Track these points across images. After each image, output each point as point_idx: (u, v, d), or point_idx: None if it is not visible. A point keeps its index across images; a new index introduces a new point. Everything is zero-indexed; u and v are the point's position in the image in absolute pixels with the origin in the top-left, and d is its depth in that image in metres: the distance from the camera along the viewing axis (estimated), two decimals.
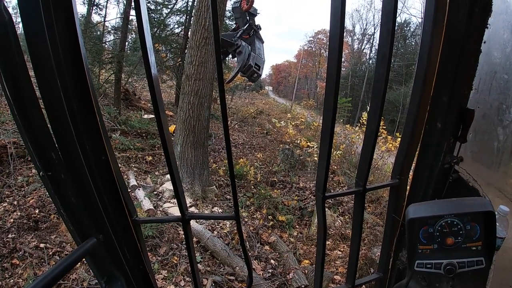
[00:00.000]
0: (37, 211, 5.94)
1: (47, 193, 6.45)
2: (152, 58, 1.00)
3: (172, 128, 9.55)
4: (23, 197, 6.34)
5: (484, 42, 1.17)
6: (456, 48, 1.19)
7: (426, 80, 1.31)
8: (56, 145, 0.93)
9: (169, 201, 7.18)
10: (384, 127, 12.07)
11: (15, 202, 6.14)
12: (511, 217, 1.33)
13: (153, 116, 10.47)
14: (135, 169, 8.73)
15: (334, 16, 1.10)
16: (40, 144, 0.91)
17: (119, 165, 8.43)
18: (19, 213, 5.83)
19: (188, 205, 7.11)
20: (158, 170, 8.89)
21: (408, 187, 1.61)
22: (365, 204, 7.27)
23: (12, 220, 5.59)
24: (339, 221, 7.49)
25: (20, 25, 0.85)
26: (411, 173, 1.57)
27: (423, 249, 1.25)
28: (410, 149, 1.51)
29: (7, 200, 6.19)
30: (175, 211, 6.62)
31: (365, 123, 12.78)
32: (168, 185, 7.66)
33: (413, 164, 1.53)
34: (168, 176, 8.14)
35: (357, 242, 1.75)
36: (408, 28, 34.99)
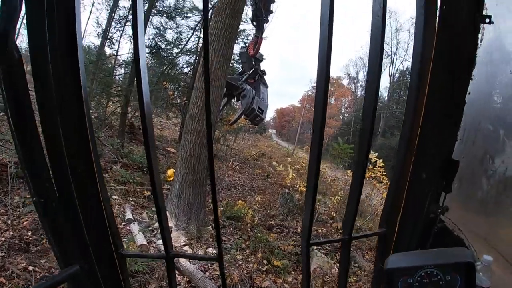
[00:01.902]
0: (29, 233, 5.86)
1: None
2: (146, 96, 1.05)
3: (171, 172, 9.59)
4: (18, 218, 6.29)
5: (469, 93, 1.24)
6: (442, 100, 1.26)
7: (413, 131, 1.37)
8: (51, 176, 0.97)
9: None
10: (385, 173, 12.01)
11: (9, 221, 6.09)
12: (497, 266, 1.33)
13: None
14: (132, 202, 8.68)
15: (321, 53, 1.17)
16: (37, 173, 0.96)
17: (117, 197, 8.44)
18: (11, 233, 5.76)
19: (182, 244, 7.01)
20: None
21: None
22: (364, 251, 7.11)
23: (3, 238, 5.51)
24: (336, 268, 7.32)
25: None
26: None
27: None
28: (397, 198, 1.53)
29: (1, 218, 6.15)
30: None
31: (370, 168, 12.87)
32: None
33: (399, 214, 1.55)
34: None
35: None
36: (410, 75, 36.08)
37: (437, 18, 1.21)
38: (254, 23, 4.76)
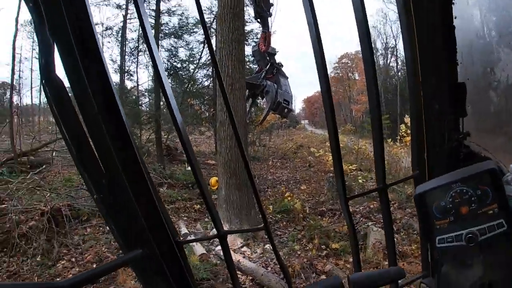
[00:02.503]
0: (94, 266, 6.26)
1: (103, 249, 6.86)
2: (173, 102, 1.19)
3: (213, 180, 9.82)
4: (80, 254, 6.75)
5: (455, 18, 1.29)
6: (434, 31, 1.31)
7: (415, 67, 1.42)
8: (106, 174, 1.13)
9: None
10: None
11: (73, 259, 6.55)
12: None
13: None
14: (185, 218, 9.02)
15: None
16: (93, 177, 1.12)
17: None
18: (77, 269, 6.19)
19: (239, 246, 7.20)
20: (208, 217, 9.11)
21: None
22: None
23: (71, 275, 5.89)
24: (395, 239, 7.24)
25: None
26: None
27: (440, 224, 1.26)
28: (419, 136, 1.58)
29: (65, 258, 6.62)
30: None
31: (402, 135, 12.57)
32: None
33: (425, 151, 1.60)
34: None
35: (391, 239, 1.78)
36: None
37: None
38: (259, 20, 4.86)
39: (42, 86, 1.02)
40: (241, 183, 7.84)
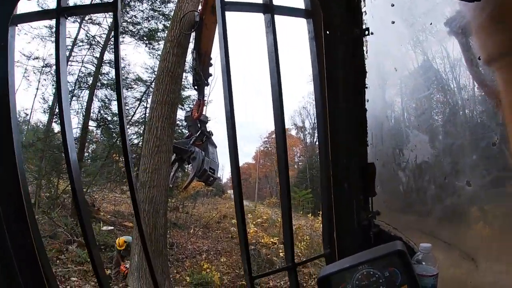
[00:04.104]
0: None
1: None
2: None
3: (121, 240, 9.02)
4: None
5: (368, 101, 1.39)
6: (345, 111, 1.40)
7: (326, 147, 1.47)
8: None
9: None
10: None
11: None
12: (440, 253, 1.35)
13: (112, 228, 10.12)
14: (92, 283, 8.12)
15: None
16: None
17: (75, 279, 7.90)
18: None
19: None
20: (118, 284, 8.31)
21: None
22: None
23: None
24: None
25: None
26: None
27: None
28: (330, 216, 1.60)
29: None
30: None
31: None
32: None
33: (335, 230, 1.61)
34: None
35: None
36: None
37: (323, 42, 1.38)
38: (195, 87, 4.96)
39: None
40: (156, 251, 7.36)
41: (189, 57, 8.78)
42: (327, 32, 1.35)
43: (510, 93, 1.12)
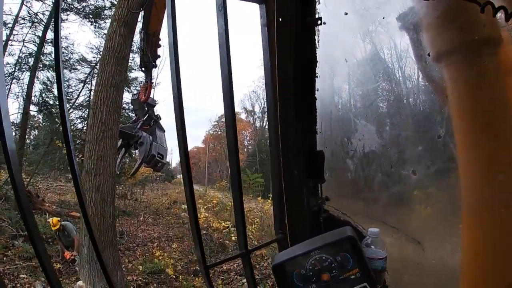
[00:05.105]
0: None
1: None
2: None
3: (55, 220, 8.74)
4: None
5: (318, 90, 1.43)
6: (295, 100, 1.43)
7: (275, 133, 1.50)
8: None
9: None
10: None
11: None
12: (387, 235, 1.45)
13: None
14: (42, 279, 7.74)
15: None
16: None
17: (24, 275, 7.55)
18: None
19: None
20: (69, 278, 8.00)
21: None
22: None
23: None
24: None
25: None
26: None
27: None
28: (280, 201, 1.63)
29: None
30: None
31: None
32: None
33: (286, 216, 1.66)
34: (79, 283, 7.37)
35: None
36: None
37: (275, 29, 1.39)
38: (143, 69, 4.78)
39: None
40: (106, 242, 7.14)
41: (136, 37, 8.46)
42: (280, 19, 1.36)
43: (456, 90, 1.21)
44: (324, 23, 1.43)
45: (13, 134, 16.63)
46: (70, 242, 8.58)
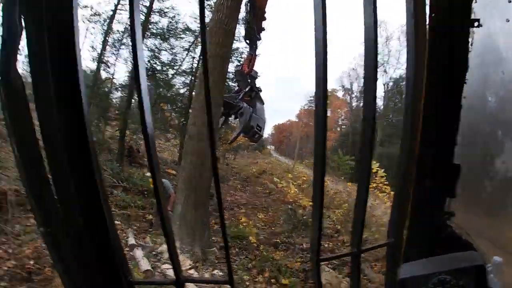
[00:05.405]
0: (32, 262, 5.78)
1: (43, 244, 6.35)
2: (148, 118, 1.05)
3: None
4: (19, 246, 6.22)
5: (464, 97, 1.25)
6: (438, 105, 1.27)
7: (412, 138, 1.37)
8: (57, 203, 0.96)
9: (168, 262, 7.01)
10: (387, 183, 11.76)
11: (10, 250, 6.03)
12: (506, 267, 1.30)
13: None
14: (134, 227, 8.61)
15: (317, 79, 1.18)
16: (42, 201, 0.95)
17: (118, 222, 8.38)
18: (13, 262, 5.68)
19: (188, 267, 6.92)
20: (160, 230, 8.76)
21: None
22: (372, 262, 6.89)
23: (6, 268, 5.44)
24: (345, 282, 7.15)
25: None
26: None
27: None
28: (402, 207, 1.52)
29: (3, 248, 6.07)
30: (172, 272, 6.47)
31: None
32: None
33: (406, 223, 1.54)
34: None
35: None
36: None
37: (427, 25, 1.23)
38: (247, 41, 4.83)
39: None
40: (200, 202, 7.62)
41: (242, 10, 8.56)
42: (433, 15, 1.19)
43: None
44: (481, 26, 1.22)
45: (120, 94, 18.42)
46: (166, 198, 9.37)
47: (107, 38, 17.13)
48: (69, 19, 0.93)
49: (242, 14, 6.67)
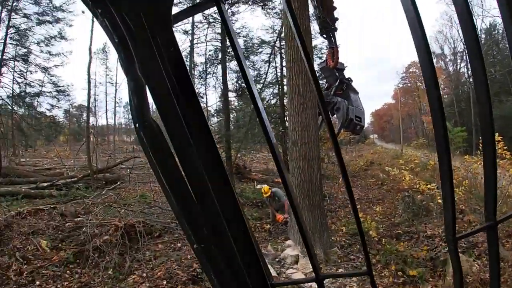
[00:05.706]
0: (164, 282, 6.47)
1: (173, 266, 7.12)
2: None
3: (266, 187, 10.06)
4: (151, 270, 7.02)
5: None
6: None
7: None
8: (205, 222, 1.15)
9: (292, 267, 7.22)
10: (506, 148, 10.32)
11: (144, 274, 6.82)
12: None
13: (265, 185, 11.06)
14: (256, 237, 9.04)
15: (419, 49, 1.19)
16: (194, 223, 1.15)
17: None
18: (147, 284, 6.43)
19: (311, 270, 7.02)
20: (279, 237, 9.07)
21: None
22: (503, 239, 6.18)
23: None
24: (476, 265, 6.53)
25: None
26: None
27: None
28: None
29: (136, 273, 6.92)
30: (297, 276, 6.67)
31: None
32: (289, 251, 7.73)
33: None
34: (288, 242, 8.27)
35: (496, 285, 1.61)
36: (497, 31, 30.81)
37: None
38: (324, 36, 4.77)
39: (135, 131, 1.03)
40: (314, 205, 7.70)
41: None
42: None
43: None
44: None
45: (216, 119, 19.69)
46: (280, 206, 9.74)
47: (192, 72, 18.54)
48: (183, 66, 1.11)
49: (311, 10, 6.64)
